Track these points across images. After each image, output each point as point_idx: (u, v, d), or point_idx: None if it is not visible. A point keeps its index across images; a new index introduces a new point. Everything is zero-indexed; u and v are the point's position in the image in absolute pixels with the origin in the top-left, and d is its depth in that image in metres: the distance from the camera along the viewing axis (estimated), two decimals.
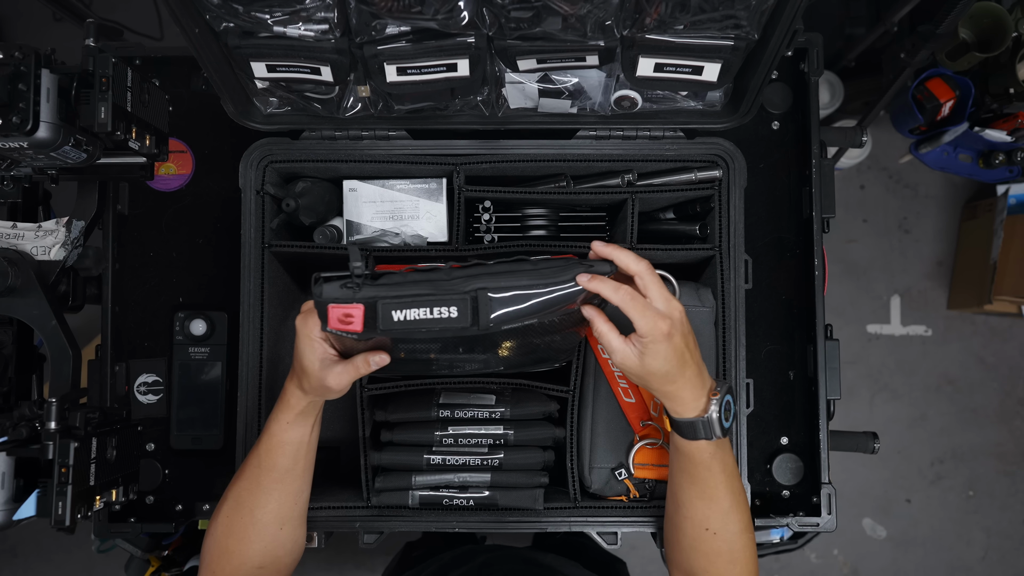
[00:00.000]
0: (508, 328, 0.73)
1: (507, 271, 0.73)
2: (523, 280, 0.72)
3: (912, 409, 2.19)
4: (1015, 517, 2.16)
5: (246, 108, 0.95)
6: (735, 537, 0.80)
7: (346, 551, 2.11)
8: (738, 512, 0.80)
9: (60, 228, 0.93)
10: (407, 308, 0.70)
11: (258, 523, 0.81)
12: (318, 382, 0.76)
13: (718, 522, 0.80)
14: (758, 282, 1.04)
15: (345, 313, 0.70)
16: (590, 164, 0.98)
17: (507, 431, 0.92)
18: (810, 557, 2.14)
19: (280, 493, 0.82)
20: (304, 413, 0.81)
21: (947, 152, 1.85)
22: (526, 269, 0.73)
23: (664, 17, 0.77)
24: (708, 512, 0.80)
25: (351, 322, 0.70)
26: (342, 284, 0.71)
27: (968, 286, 2.14)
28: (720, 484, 0.79)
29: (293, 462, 0.82)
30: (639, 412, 0.94)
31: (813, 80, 1.04)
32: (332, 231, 0.99)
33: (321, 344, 0.75)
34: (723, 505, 0.79)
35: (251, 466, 0.82)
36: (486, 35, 0.81)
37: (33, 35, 2.21)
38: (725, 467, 0.80)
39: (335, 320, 0.70)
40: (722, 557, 0.80)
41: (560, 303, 0.73)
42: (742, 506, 0.81)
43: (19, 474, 0.85)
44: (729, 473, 0.80)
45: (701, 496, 0.80)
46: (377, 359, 0.76)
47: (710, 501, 0.80)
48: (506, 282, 0.71)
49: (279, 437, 0.81)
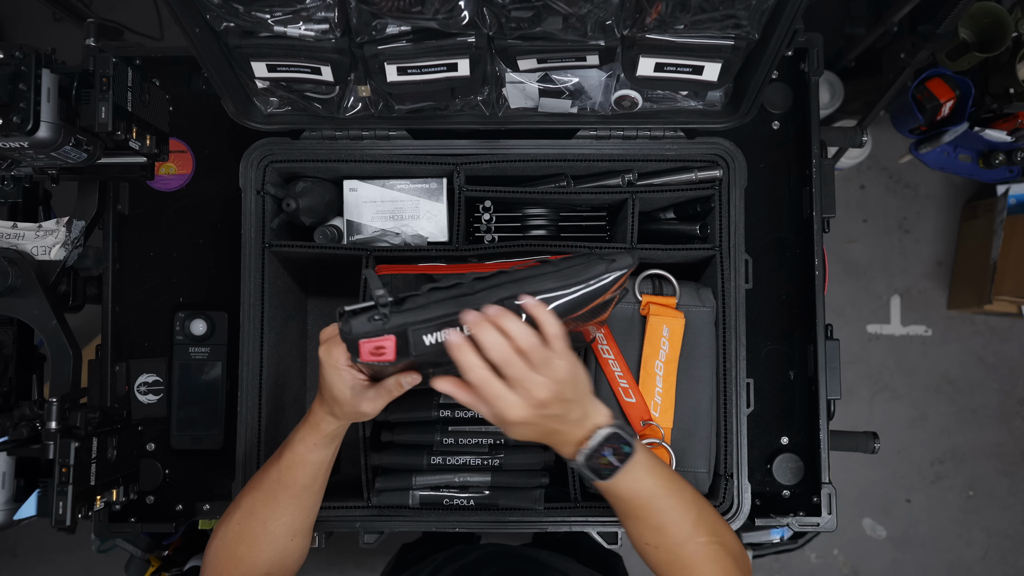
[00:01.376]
0: None
1: (530, 276, 0.71)
2: (548, 283, 0.70)
3: (912, 409, 2.19)
4: (1015, 517, 2.16)
5: (246, 108, 0.95)
6: (679, 547, 0.77)
7: (346, 551, 2.11)
8: (673, 524, 0.76)
9: (60, 228, 0.93)
10: (437, 331, 0.69)
11: (270, 534, 0.81)
12: (351, 408, 0.75)
13: (654, 538, 0.77)
14: (758, 282, 1.04)
15: (377, 346, 0.68)
16: (590, 164, 0.98)
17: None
18: (810, 557, 2.14)
19: (295, 508, 0.82)
20: (334, 436, 0.80)
21: (947, 152, 1.85)
22: (548, 272, 0.71)
23: (664, 17, 0.77)
24: (639, 530, 0.78)
25: (383, 353, 0.69)
26: (369, 317, 0.69)
27: (968, 286, 2.14)
28: (637, 505, 0.76)
29: (312, 480, 0.82)
30: (640, 412, 0.94)
31: (813, 80, 1.04)
32: (332, 231, 0.99)
33: (349, 372, 0.74)
34: (651, 523, 0.77)
35: (270, 480, 0.82)
36: (486, 35, 0.81)
37: (33, 35, 2.21)
38: (637, 488, 0.75)
39: (367, 353, 0.69)
40: (673, 567, 0.78)
41: (587, 300, 0.72)
42: (675, 517, 0.76)
43: (19, 474, 0.85)
44: (648, 489, 0.75)
45: (624, 517, 0.78)
46: (409, 380, 0.75)
47: (635, 521, 0.78)
48: (531, 287, 0.70)
49: (303, 457, 0.80)
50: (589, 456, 0.73)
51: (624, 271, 0.74)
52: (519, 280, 0.71)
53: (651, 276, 0.98)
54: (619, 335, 0.96)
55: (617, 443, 0.73)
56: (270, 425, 0.98)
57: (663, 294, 0.97)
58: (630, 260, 0.74)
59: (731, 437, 0.94)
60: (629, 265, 0.74)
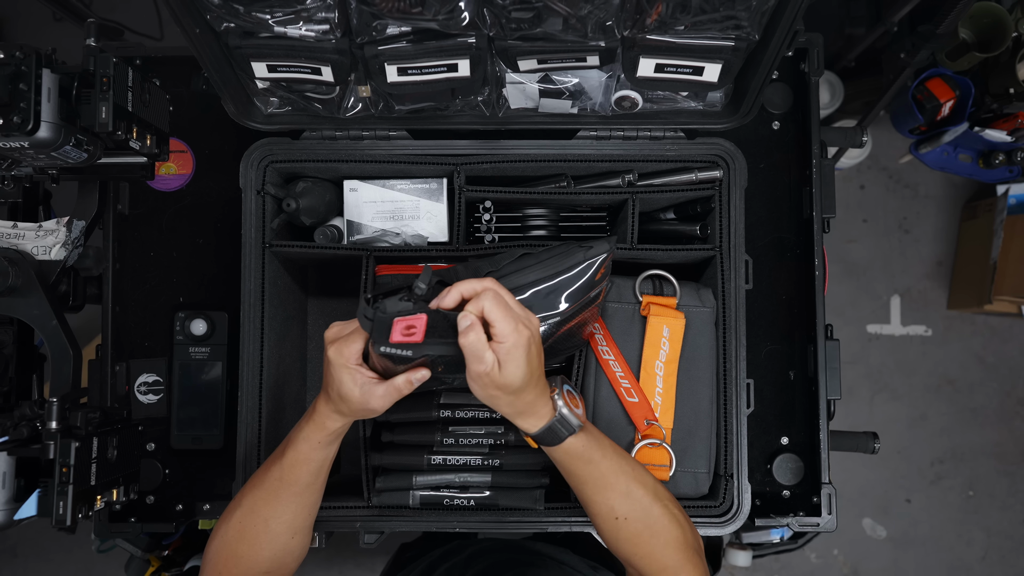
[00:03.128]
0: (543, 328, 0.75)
1: (515, 271, 0.75)
2: (531, 276, 0.74)
3: (912, 409, 2.19)
4: (1015, 517, 2.16)
5: (247, 108, 0.95)
6: (645, 513, 0.79)
7: (346, 551, 2.11)
8: (638, 486, 0.80)
9: (61, 228, 0.93)
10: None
11: (271, 532, 0.81)
12: (360, 406, 0.76)
13: (623, 506, 0.79)
14: (758, 282, 1.04)
15: (408, 325, 0.71)
16: (591, 164, 0.98)
17: (508, 432, 0.92)
18: (810, 557, 2.14)
19: (297, 506, 0.82)
20: (339, 434, 0.81)
21: (947, 152, 1.85)
22: (530, 264, 0.76)
23: (665, 18, 0.77)
24: (610, 501, 0.79)
25: (413, 333, 0.71)
26: (400, 298, 0.72)
27: (968, 286, 2.14)
28: (607, 470, 0.79)
29: (315, 478, 0.82)
30: (644, 411, 0.94)
31: (813, 80, 1.04)
32: (333, 231, 0.99)
33: (359, 370, 0.75)
34: (620, 488, 0.79)
35: (272, 478, 0.82)
36: (487, 35, 0.81)
37: (33, 35, 2.20)
38: (604, 451, 0.79)
39: (398, 333, 0.71)
40: (642, 536, 0.79)
41: (568, 286, 0.76)
42: (639, 478, 0.80)
43: (20, 474, 0.85)
44: (610, 455, 0.80)
45: (597, 490, 0.80)
46: (419, 375, 0.75)
47: (606, 490, 0.79)
48: (518, 280, 0.73)
49: (308, 455, 0.81)
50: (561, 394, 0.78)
51: (603, 255, 0.78)
52: (506, 276, 0.75)
53: (651, 276, 0.98)
54: (619, 335, 0.96)
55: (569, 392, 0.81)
56: (270, 425, 0.98)
57: (663, 294, 0.97)
58: (607, 246, 0.78)
59: (731, 437, 0.94)
60: (607, 251, 0.78)
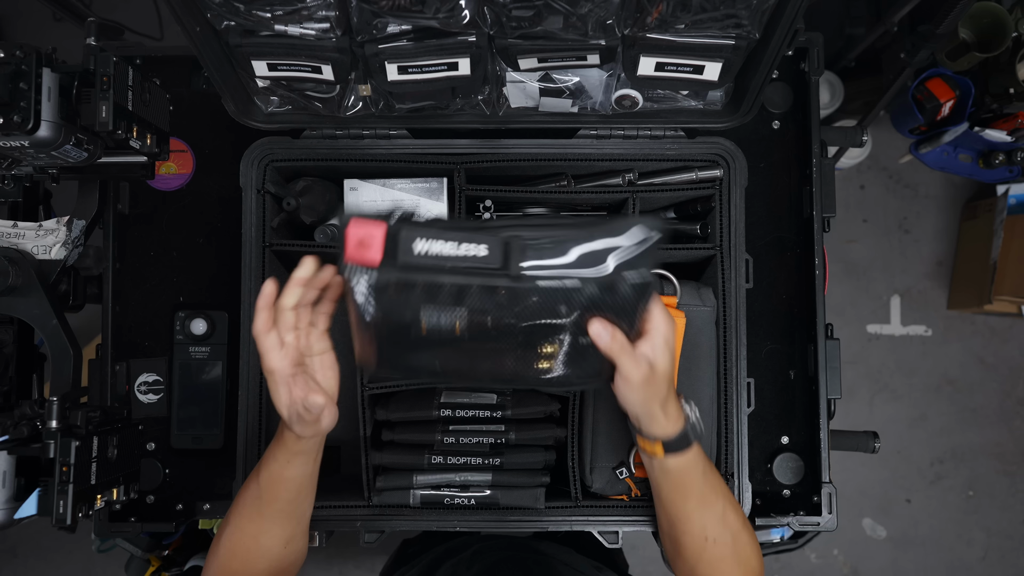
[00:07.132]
0: (542, 287, 0.66)
1: (544, 223, 0.74)
2: (559, 232, 0.67)
3: (912, 409, 2.19)
4: (1015, 517, 2.16)
5: (247, 107, 0.95)
6: (735, 539, 0.79)
7: (346, 550, 2.11)
8: (733, 511, 0.80)
9: (61, 227, 0.93)
10: (432, 239, 0.64)
11: (262, 547, 0.80)
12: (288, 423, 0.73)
13: (716, 528, 0.78)
14: (759, 282, 1.04)
15: (366, 233, 0.63)
16: (591, 163, 0.98)
17: (508, 431, 0.92)
18: (810, 557, 2.14)
19: (283, 519, 0.81)
20: (301, 452, 0.78)
21: (947, 152, 1.85)
22: (563, 223, 0.73)
23: (665, 16, 0.77)
24: (704, 520, 0.78)
25: (371, 245, 0.63)
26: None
27: (968, 286, 2.14)
28: (709, 485, 0.79)
29: (295, 494, 0.80)
30: None
31: (813, 80, 1.04)
32: (333, 230, 0.99)
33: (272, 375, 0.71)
34: (717, 508, 0.78)
35: (251, 496, 0.80)
36: (487, 34, 0.81)
37: (33, 35, 2.21)
38: (708, 465, 0.80)
39: (353, 244, 0.64)
40: (726, 562, 0.78)
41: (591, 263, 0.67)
42: (734, 502, 0.81)
43: (20, 473, 0.85)
44: (712, 471, 0.80)
45: (699, 505, 0.79)
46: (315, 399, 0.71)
47: (706, 507, 0.79)
48: (540, 232, 0.66)
49: (279, 474, 0.78)
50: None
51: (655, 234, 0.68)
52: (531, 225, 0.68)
53: None
54: None
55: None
56: (270, 425, 0.98)
57: (664, 293, 0.97)
58: (659, 224, 0.69)
59: (731, 436, 0.94)
60: (657, 228, 0.68)
